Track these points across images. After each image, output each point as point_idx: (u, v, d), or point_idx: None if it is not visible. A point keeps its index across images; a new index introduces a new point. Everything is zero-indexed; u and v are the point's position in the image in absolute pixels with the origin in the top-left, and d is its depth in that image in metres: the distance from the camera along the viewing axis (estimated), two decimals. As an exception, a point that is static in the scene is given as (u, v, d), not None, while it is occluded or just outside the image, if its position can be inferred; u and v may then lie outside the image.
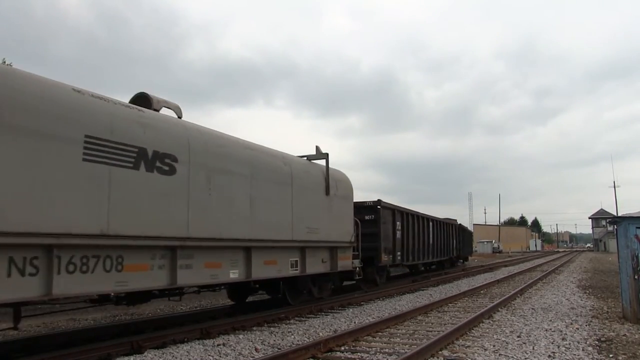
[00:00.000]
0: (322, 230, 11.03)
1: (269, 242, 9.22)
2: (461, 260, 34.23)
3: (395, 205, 17.54)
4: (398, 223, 17.38)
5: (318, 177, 11.30)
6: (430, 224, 22.17)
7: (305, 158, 11.66)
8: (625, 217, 9.84)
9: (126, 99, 7.76)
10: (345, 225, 12.27)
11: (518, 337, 7.85)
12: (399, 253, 17.19)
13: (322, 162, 11.86)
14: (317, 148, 11.96)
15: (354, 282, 14.65)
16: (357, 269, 12.94)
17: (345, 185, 12.71)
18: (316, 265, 10.95)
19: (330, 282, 12.54)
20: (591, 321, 9.48)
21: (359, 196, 15.35)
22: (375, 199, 16.04)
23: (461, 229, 31.79)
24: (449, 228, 26.40)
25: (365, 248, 13.97)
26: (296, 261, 10.21)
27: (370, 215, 15.58)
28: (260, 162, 9.29)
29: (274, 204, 9.46)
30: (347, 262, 12.29)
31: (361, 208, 15.08)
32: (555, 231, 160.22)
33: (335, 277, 12.73)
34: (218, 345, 7.32)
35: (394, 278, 20.46)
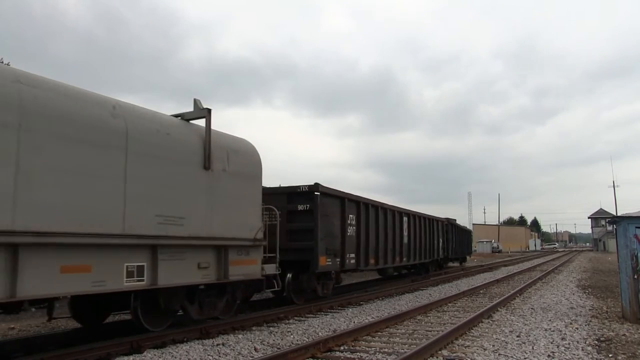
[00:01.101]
0: (195, 220, 7.82)
1: (68, 236, 5.96)
2: (458, 262, 32.15)
3: (346, 193, 13.23)
4: (351, 216, 13.32)
5: (189, 143, 7.94)
6: (405, 219, 18.02)
7: (180, 118, 8.39)
8: (625, 216, 9.84)
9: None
10: (245, 215, 8.93)
11: (517, 336, 7.85)
12: (351, 255, 13.22)
13: (202, 122, 8.45)
14: (196, 102, 8.52)
15: (283, 294, 11.58)
16: (277, 277, 9.92)
17: (247, 159, 9.19)
18: (185, 272, 7.67)
19: (225, 296, 9.05)
20: (590, 321, 9.49)
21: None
22: (312, 183, 11.78)
23: (452, 226, 27.34)
24: (433, 225, 22.32)
25: (297, 248, 11.32)
26: (141, 267, 6.96)
27: (305, 204, 11.62)
28: (45, 105, 5.94)
29: (81, 176, 6.20)
30: (251, 267, 9.06)
31: (292, 195, 11.81)
32: (555, 231, 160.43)
33: (238, 290, 9.35)
34: (217, 345, 7.32)
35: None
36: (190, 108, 8.55)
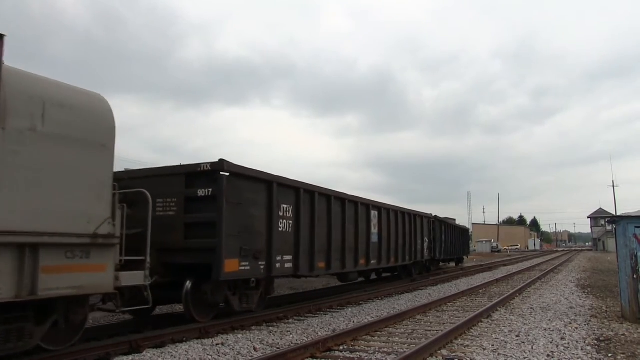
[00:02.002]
0: None
1: None
2: (454, 262, 30.66)
3: (276, 176, 10.06)
4: (286, 207, 10.30)
5: None
6: (374, 213, 14.95)
7: None
8: (624, 216, 9.85)
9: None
10: (79, 199, 6.19)
11: (517, 336, 7.85)
12: (286, 257, 10.21)
13: None
14: None
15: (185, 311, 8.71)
16: (147, 289, 7.20)
17: (84, 118, 6.38)
18: None
19: (50, 318, 6.17)
20: (590, 321, 9.49)
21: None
22: (217, 159, 8.71)
23: (441, 223, 23.86)
24: (414, 221, 19.03)
25: (196, 248, 8.55)
26: None
27: (207, 189, 8.68)
28: None
29: None
30: (91, 276, 6.25)
31: (192, 177, 8.88)
32: (555, 230, 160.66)
33: (79, 309, 6.44)
34: (217, 344, 7.32)
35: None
36: (190, 108, 7.93)
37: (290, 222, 10.47)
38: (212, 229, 8.49)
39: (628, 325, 8.85)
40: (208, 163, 8.78)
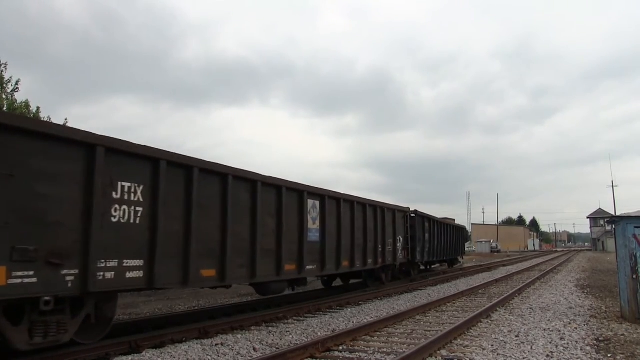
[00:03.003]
0: None
1: None
2: (447, 264, 28.58)
3: (101, 136, 6.30)
4: (126, 185, 6.60)
5: None
6: (312, 202, 11.28)
7: None
8: (624, 216, 9.85)
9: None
10: None
11: (516, 336, 7.86)
12: (127, 262, 6.60)
13: None
14: None
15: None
16: None
17: None
18: None
19: None
20: (589, 321, 9.50)
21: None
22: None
23: (424, 219, 20.18)
24: (382, 216, 15.33)
25: None
26: None
27: None
28: None
29: None
30: None
31: None
32: (554, 230, 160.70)
33: None
34: (216, 345, 7.32)
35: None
36: (189, 108, 7.02)
37: (139, 209, 6.87)
38: None
39: (627, 326, 8.85)
40: None
